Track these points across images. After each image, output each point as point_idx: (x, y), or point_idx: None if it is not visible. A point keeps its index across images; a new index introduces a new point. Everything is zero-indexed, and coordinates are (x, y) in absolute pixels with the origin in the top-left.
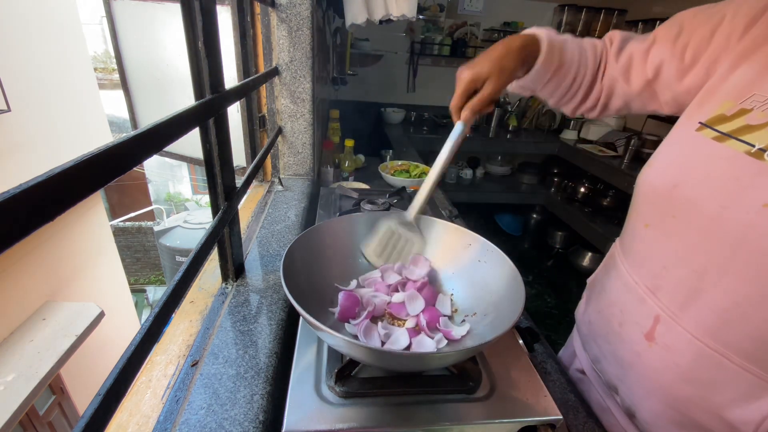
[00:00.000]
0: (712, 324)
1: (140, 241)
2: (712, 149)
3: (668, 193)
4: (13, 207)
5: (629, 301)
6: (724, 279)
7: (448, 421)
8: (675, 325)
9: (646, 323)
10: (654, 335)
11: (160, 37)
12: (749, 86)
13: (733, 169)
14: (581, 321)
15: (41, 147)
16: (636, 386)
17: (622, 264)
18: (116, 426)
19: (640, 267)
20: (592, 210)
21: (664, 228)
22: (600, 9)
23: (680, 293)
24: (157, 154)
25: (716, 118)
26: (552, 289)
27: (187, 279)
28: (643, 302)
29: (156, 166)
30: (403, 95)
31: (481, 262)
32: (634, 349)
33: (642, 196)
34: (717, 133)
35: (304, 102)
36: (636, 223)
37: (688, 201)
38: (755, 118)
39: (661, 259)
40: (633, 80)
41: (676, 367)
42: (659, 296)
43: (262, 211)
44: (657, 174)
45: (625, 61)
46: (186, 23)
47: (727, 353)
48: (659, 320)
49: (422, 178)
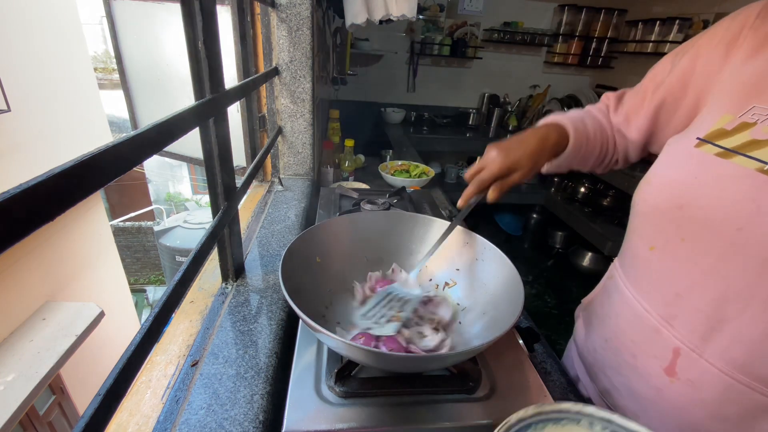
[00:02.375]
0: (740, 356)
1: (140, 241)
2: (718, 167)
3: (674, 215)
4: (13, 207)
5: (642, 331)
6: (750, 307)
7: (448, 421)
8: (698, 359)
9: (664, 356)
10: (675, 370)
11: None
12: (746, 99)
13: (747, 188)
14: (584, 348)
15: (41, 147)
16: (658, 424)
17: (626, 289)
18: (116, 426)
19: (649, 293)
20: (592, 210)
21: (672, 251)
22: (600, 9)
23: (700, 323)
24: (157, 154)
25: (716, 132)
26: (552, 289)
27: (187, 279)
28: (659, 333)
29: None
30: (403, 95)
31: (480, 261)
32: (652, 384)
33: (643, 216)
34: (720, 149)
35: (304, 102)
36: (638, 245)
37: (698, 223)
38: (762, 133)
39: (673, 285)
40: (632, 135)
41: (702, 404)
42: (676, 327)
43: (262, 211)
44: (658, 194)
45: (623, 117)
46: (186, 23)
47: (759, 387)
48: (680, 353)
49: (423, 178)
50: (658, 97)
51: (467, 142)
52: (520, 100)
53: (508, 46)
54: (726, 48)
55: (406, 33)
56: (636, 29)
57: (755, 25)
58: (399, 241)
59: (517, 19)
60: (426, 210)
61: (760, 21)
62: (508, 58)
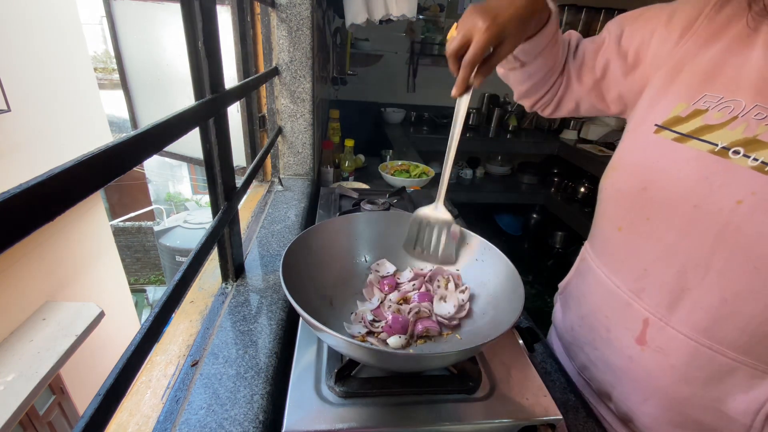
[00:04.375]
0: (703, 322)
1: (140, 241)
2: (675, 150)
3: (638, 196)
4: (13, 207)
5: (614, 306)
6: (707, 277)
7: (448, 421)
8: (666, 327)
9: (635, 327)
10: (645, 339)
11: (160, 37)
12: (698, 88)
13: (701, 168)
14: (562, 329)
15: (41, 147)
16: (631, 392)
17: (598, 269)
18: (116, 426)
19: (619, 270)
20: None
21: (638, 231)
22: (600, 9)
23: (666, 294)
24: (157, 154)
25: (672, 120)
26: (552, 289)
27: (187, 279)
28: (629, 306)
29: (156, 166)
30: (403, 95)
31: (480, 262)
32: (625, 354)
33: (610, 200)
34: (676, 135)
35: (304, 102)
36: (607, 227)
37: (660, 203)
38: (713, 118)
39: (640, 261)
40: (584, 79)
41: (672, 369)
42: (644, 299)
43: (262, 211)
44: (623, 178)
45: (579, 59)
46: (186, 23)
47: (721, 349)
48: (649, 323)
49: (422, 178)
50: (609, 55)
51: (467, 142)
52: None
53: None
54: (681, 33)
55: (406, 33)
56: None
57: (710, 14)
58: (399, 242)
59: None
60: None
61: (715, 12)
62: None
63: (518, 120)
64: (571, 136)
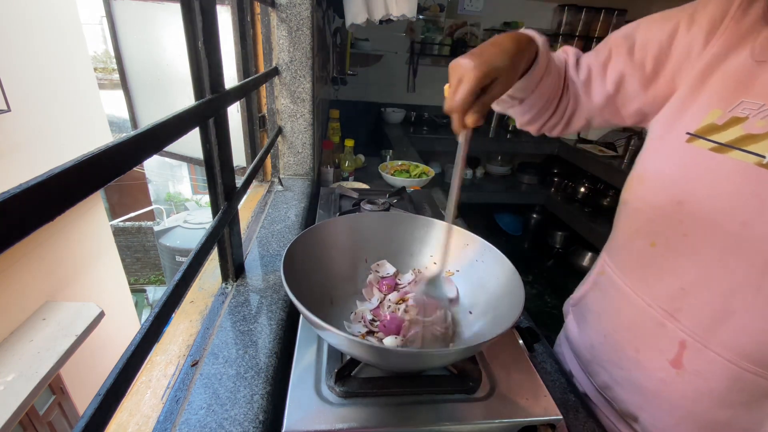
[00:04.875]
0: (748, 346)
1: (140, 241)
2: (714, 161)
3: (673, 211)
4: (13, 207)
5: (645, 325)
6: (757, 300)
7: (448, 421)
8: (705, 350)
9: (670, 349)
10: (682, 362)
11: (160, 37)
12: (733, 93)
13: (747, 182)
14: (579, 345)
15: (41, 147)
16: (663, 414)
17: (625, 285)
18: (116, 426)
19: (651, 288)
20: (592, 210)
21: (674, 247)
22: (600, 9)
23: (706, 316)
24: (157, 154)
25: (707, 128)
26: (552, 289)
27: (187, 279)
28: (663, 327)
29: (156, 166)
30: (403, 95)
31: (480, 262)
32: (657, 377)
33: (638, 214)
34: (714, 144)
35: (304, 102)
36: (636, 242)
37: (699, 218)
38: (756, 127)
39: (677, 280)
40: (594, 95)
41: (710, 393)
42: (681, 320)
43: (262, 211)
44: (654, 191)
45: (585, 75)
46: (186, 23)
47: (766, 374)
48: (686, 346)
49: (422, 178)
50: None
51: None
52: None
53: None
54: (706, 35)
55: (406, 33)
56: None
57: (736, 16)
58: (399, 242)
59: (517, 19)
60: (426, 210)
61: (741, 13)
62: None
63: None
64: (571, 136)
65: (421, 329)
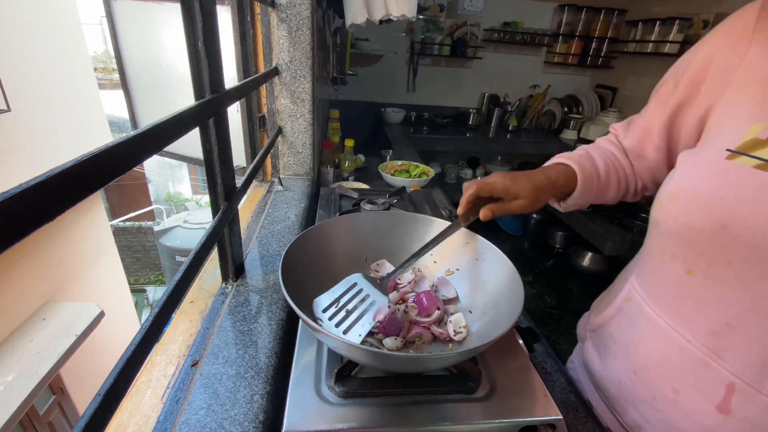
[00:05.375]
0: None
1: (140, 241)
2: (761, 181)
3: (715, 235)
4: (13, 207)
5: (684, 364)
6: None
7: (448, 421)
8: (758, 395)
9: (715, 392)
10: (730, 407)
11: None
12: None
13: None
14: (602, 378)
15: (41, 147)
16: None
17: (658, 316)
18: (116, 426)
19: (690, 322)
20: (592, 210)
21: (717, 276)
22: (600, 9)
23: (757, 355)
24: (157, 154)
25: (749, 143)
26: (552, 289)
27: (187, 279)
28: (706, 366)
29: (156, 166)
30: (403, 95)
31: (480, 262)
32: (700, 422)
33: (673, 237)
34: (759, 161)
35: (304, 102)
36: (671, 268)
37: (748, 244)
38: None
39: (721, 314)
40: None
41: None
42: (727, 359)
43: (262, 211)
44: (692, 211)
45: (635, 140)
46: (186, 23)
47: None
48: (734, 389)
49: (423, 178)
50: (669, 110)
51: (467, 142)
52: (520, 100)
53: (508, 46)
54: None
55: (406, 33)
56: (636, 29)
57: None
58: (399, 242)
59: (517, 19)
60: (426, 210)
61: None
62: (508, 58)
63: (518, 120)
64: (571, 136)
65: None
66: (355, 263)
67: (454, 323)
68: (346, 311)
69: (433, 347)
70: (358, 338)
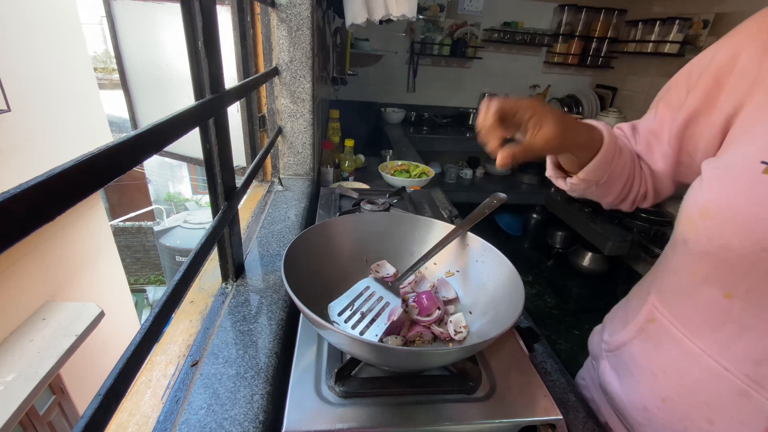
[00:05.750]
0: None
1: (140, 241)
2: None
3: (757, 259)
4: (13, 207)
5: (720, 393)
6: None
7: (448, 421)
8: None
9: (756, 424)
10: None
11: (160, 37)
12: None
13: None
14: (624, 403)
15: (41, 147)
16: None
17: (691, 342)
18: (116, 426)
19: (728, 349)
20: (592, 210)
21: (759, 301)
22: (600, 9)
23: None
24: (157, 154)
25: None
26: (552, 289)
27: (187, 279)
28: (747, 397)
29: (156, 166)
30: (403, 95)
31: (480, 263)
32: None
33: (707, 257)
34: None
35: (304, 102)
36: (705, 291)
37: None
38: None
39: (763, 341)
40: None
41: None
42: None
43: (262, 211)
44: (730, 231)
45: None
46: (186, 23)
47: None
48: None
49: (422, 178)
50: (683, 117)
51: (467, 142)
52: None
53: (508, 46)
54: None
55: (406, 33)
56: (636, 29)
57: None
58: (399, 242)
59: (517, 19)
60: (426, 210)
61: None
62: (508, 58)
63: None
64: None
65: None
66: (356, 263)
67: (455, 323)
68: (361, 313)
69: (434, 347)
70: (375, 338)
